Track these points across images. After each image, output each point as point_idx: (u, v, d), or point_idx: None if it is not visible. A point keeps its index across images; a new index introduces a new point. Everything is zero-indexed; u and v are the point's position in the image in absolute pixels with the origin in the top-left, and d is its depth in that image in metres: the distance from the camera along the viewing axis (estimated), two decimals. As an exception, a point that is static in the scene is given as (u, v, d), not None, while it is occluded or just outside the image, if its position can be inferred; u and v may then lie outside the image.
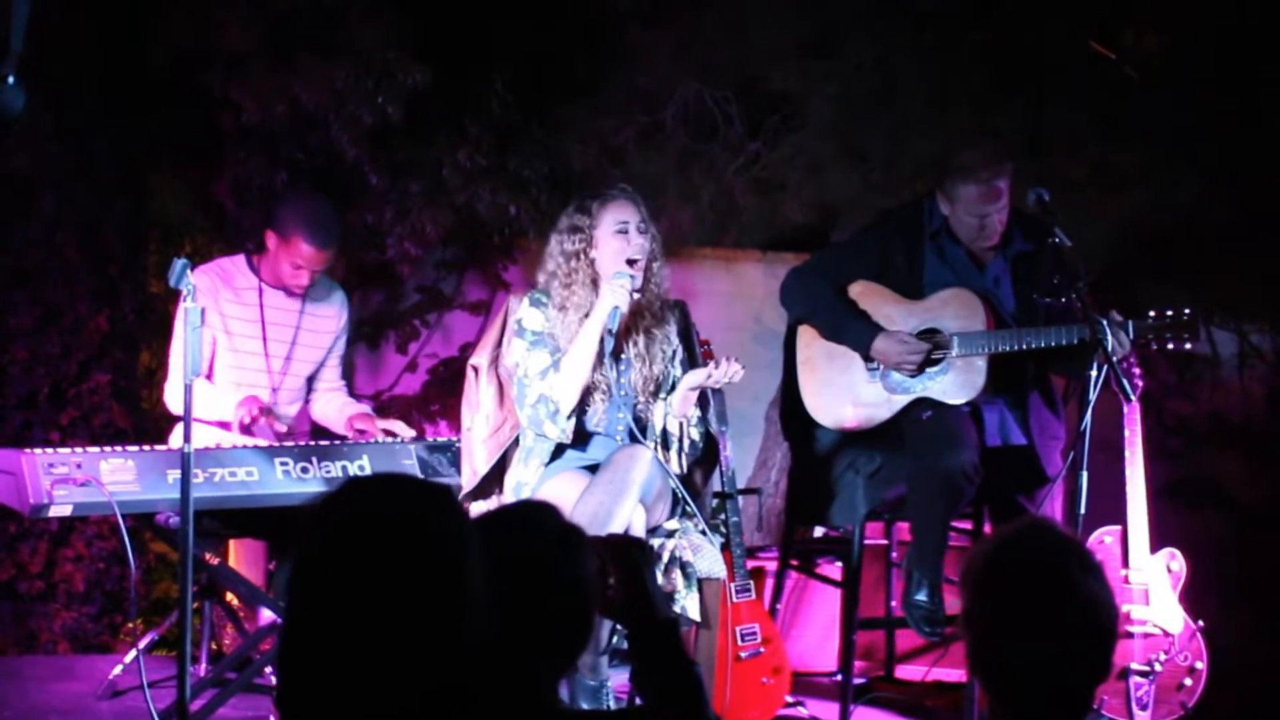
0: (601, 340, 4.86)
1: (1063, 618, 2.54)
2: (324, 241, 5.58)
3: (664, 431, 5.02)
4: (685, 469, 5.04)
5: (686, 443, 5.02)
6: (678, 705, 2.85)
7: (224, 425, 5.46)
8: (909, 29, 7.06)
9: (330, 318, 5.85)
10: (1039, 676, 2.54)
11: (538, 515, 2.82)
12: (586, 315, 4.93)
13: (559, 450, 4.97)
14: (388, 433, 5.53)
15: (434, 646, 2.17)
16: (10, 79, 3.44)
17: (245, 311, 5.65)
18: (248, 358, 5.66)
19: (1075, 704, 2.59)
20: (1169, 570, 5.57)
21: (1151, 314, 5.18)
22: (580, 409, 4.95)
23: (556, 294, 5.01)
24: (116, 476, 4.69)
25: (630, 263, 4.94)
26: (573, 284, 4.99)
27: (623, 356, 5.03)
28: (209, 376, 5.61)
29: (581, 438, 5.00)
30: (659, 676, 2.92)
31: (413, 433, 5.57)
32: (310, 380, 5.89)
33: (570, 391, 4.88)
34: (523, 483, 4.94)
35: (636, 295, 4.95)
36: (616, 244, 4.96)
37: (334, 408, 5.88)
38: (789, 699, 5.56)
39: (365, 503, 2.26)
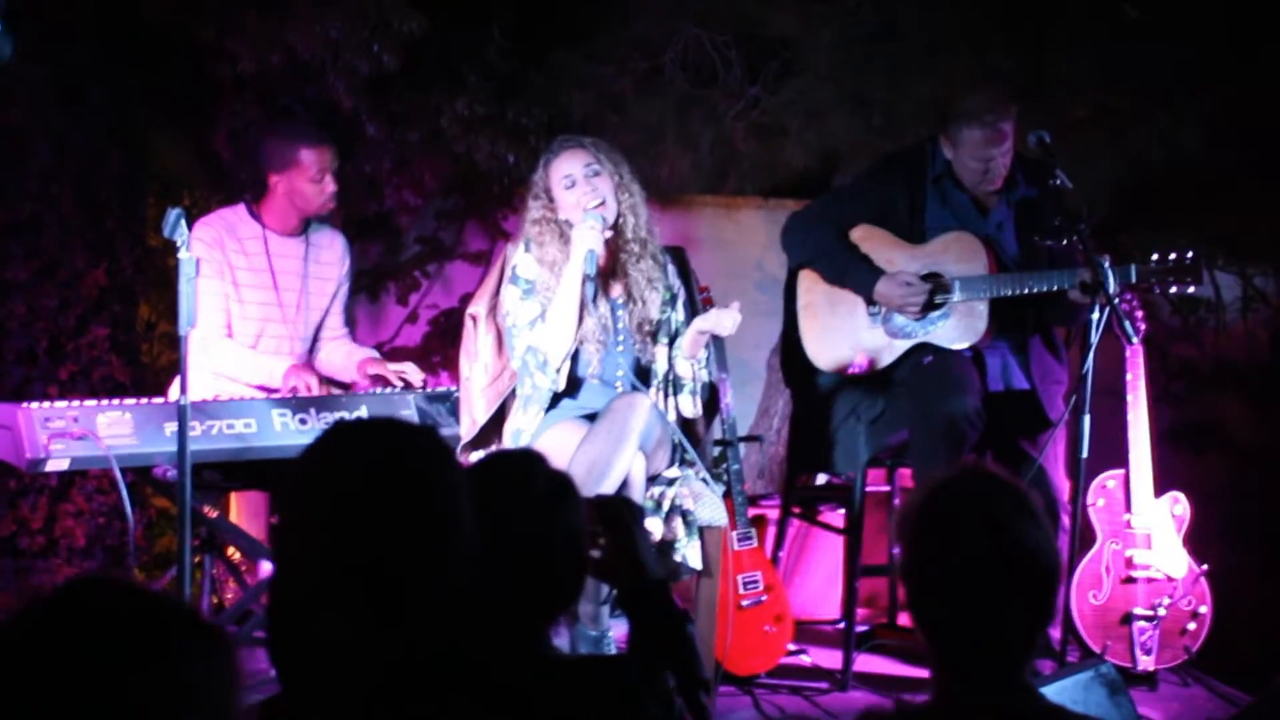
0: (584, 286, 4.84)
1: (1000, 565, 2.48)
2: (321, 138, 5.62)
3: (674, 375, 5.02)
4: (699, 410, 5.04)
5: (699, 384, 5.02)
6: (671, 664, 2.85)
7: (264, 389, 5.43)
8: (907, -30, 7.01)
9: (333, 263, 5.82)
10: (979, 626, 2.49)
11: (527, 464, 2.80)
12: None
13: (558, 396, 4.96)
14: (401, 376, 5.51)
15: (422, 592, 2.16)
16: (-4, 26, 3.40)
17: (251, 261, 5.61)
18: (258, 308, 5.62)
19: (1018, 651, 2.54)
20: (1172, 514, 5.56)
21: (1154, 257, 5.15)
22: (574, 356, 4.93)
23: (535, 251, 5.01)
24: (113, 430, 4.66)
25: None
26: (545, 243, 5.00)
27: (613, 299, 5.01)
28: (229, 332, 5.58)
29: (579, 385, 4.99)
30: (652, 636, 2.92)
31: (423, 376, 5.55)
32: (317, 329, 5.86)
33: (557, 342, 4.87)
34: (521, 429, 4.92)
35: (608, 233, 4.93)
36: (571, 199, 4.96)
37: (340, 354, 5.83)
38: (791, 647, 5.57)
39: (346, 450, 2.24)
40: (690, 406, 5.02)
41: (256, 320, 5.62)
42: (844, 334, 5.50)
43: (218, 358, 5.42)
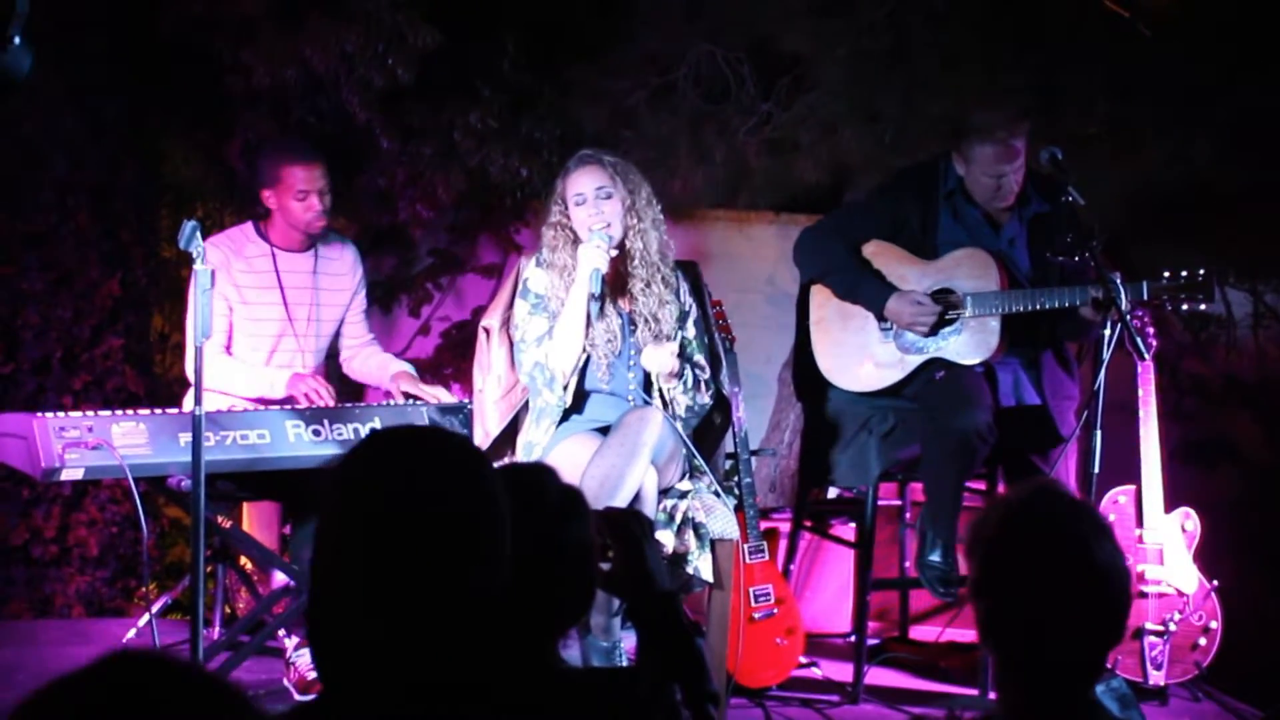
0: (589, 305, 4.87)
1: (1079, 585, 2.48)
2: (309, 155, 5.55)
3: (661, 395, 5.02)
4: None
5: (682, 408, 5.00)
6: (680, 677, 2.86)
7: (262, 401, 5.44)
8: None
9: (344, 274, 5.82)
10: (1053, 644, 2.49)
11: (538, 477, 2.82)
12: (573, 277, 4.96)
13: (570, 410, 4.97)
14: (435, 399, 5.54)
15: (463, 595, 2.17)
16: (16, 40, 3.41)
17: (259, 279, 5.61)
18: (269, 324, 5.62)
19: (1089, 670, 2.56)
20: (1183, 530, 5.56)
21: (1166, 274, 5.15)
22: (586, 370, 4.96)
23: (547, 257, 5.03)
24: (128, 440, 4.67)
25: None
26: (557, 248, 5.03)
27: (624, 313, 5.02)
28: (227, 349, 5.59)
29: (591, 398, 5.00)
30: (660, 649, 2.93)
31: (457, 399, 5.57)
32: (334, 339, 5.87)
33: (563, 359, 4.89)
34: (534, 443, 4.94)
35: (614, 253, 4.95)
36: (580, 215, 4.98)
37: (375, 364, 5.84)
38: (803, 660, 5.57)
39: (385, 455, 2.25)
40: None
41: (269, 336, 5.62)
42: (856, 349, 5.51)
43: (213, 372, 5.42)
